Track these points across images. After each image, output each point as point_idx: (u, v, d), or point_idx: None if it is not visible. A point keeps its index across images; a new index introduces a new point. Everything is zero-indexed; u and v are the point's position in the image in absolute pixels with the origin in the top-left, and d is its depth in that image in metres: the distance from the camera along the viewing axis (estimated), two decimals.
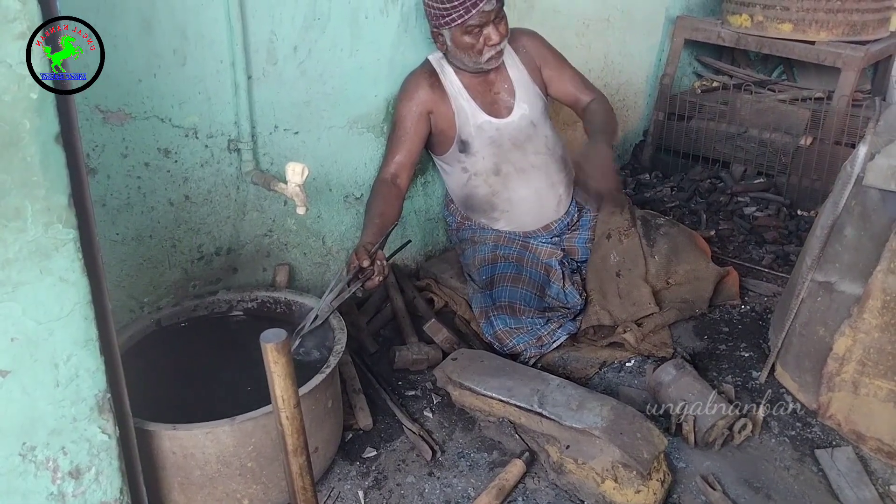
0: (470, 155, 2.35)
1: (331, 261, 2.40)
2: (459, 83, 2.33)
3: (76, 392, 1.23)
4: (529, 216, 2.44)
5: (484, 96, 2.35)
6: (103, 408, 1.28)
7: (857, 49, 3.09)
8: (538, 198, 2.43)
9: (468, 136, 2.33)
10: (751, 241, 3.00)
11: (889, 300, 1.79)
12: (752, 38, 3.29)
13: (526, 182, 2.40)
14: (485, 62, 2.25)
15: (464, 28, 2.16)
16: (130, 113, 1.74)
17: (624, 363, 2.23)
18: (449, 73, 2.33)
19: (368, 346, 2.29)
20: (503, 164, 2.37)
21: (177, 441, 1.50)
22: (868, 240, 1.83)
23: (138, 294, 1.91)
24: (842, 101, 3.11)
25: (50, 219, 1.11)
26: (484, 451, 1.91)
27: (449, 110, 2.31)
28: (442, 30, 2.21)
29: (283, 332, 1.10)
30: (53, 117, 1.09)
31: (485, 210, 2.44)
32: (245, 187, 2.06)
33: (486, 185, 2.39)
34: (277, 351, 1.07)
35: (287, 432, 1.14)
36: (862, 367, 1.88)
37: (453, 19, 2.15)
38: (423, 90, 2.28)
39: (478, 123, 2.33)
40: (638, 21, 3.43)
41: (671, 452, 1.88)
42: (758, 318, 2.49)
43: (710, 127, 3.42)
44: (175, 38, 1.77)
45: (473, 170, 2.37)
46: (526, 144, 2.39)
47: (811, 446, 1.93)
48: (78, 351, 1.21)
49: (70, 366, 1.21)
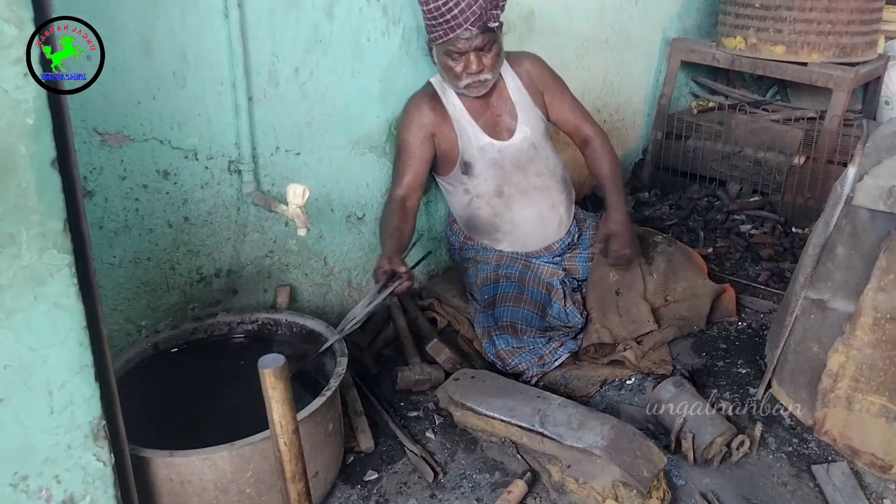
0: (472, 177, 2.34)
1: (332, 281, 2.39)
2: (461, 105, 2.32)
3: (71, 419, 1.21)
4: (532, 237, 2.44)
5: (485, 118, 2.34)
6: (98, 435, 1.25)
7: (848, 70, 3.16)
8: (540, 219, 2.42)
9: (471, 157, 2.33)
10: (747, 258, 3.02)
11: (880, 317, 1.81)
12: (746, 59, 3.35)
13: (528, 203, 2.39)
14: (462, 88, 2.22)
15: (445, 49, 2.16)
16: (129, 135, 1.74)
17: (624, 381, 2.23)
18: (450, 95, 2.32)
19: (371, 368, 2.27)
20: (505, 186, 2.36)
21: (174, 468, 1.47)
22: (859, 258, 1.86)
23: (136, 317, 1.90)
24: (833, 120, 3.16)
25: (45, 244, 1.10)
26: (486, 471, 1.89)
27: (451, 132, 2.31)
28: (432, 45, 2.22)
29: (281, 357, 1.08)
30: (50, 142, 1.08)
31: (487, 231, 2.43)
32: (246, 208, 2.05)
33: (488, 206, 2.38)
34: (275, 376, 1.05)
35: (285, 458, 1.12)
36: (855, 383, 1.89)
37: (438, 36, 2.14)
38: (425, 113, 2.27)
39: (480, 145, 2.33)
40: (636, 43, 3.46)
41: (671, 470, 1.88)
42: (754, 335, 2.50)
43: (707, 146, 3.47)
44: (175, 59, 1.77)
45: (475, 191, 2.37)
46: (528, 166, 2.38)
47: (808, 462, 1.94)
48: (73, 377, 1.19)
49: (64, 393, 1.19)
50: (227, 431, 1.54)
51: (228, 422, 1.73)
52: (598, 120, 3.38)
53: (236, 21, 1.83)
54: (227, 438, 1.50)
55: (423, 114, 2.27)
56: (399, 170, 2.29)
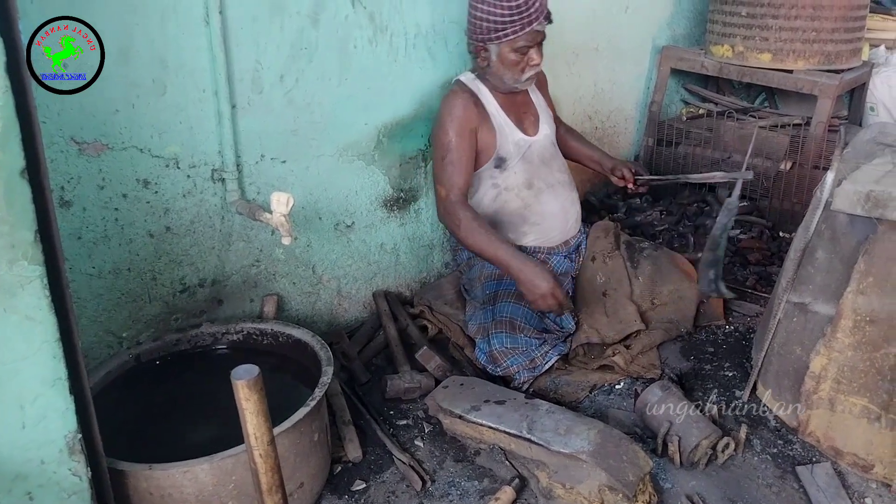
0: (504, 171, 2.37)
1: (321, 290, 2.36)
2: (495, 102, 2.36)
3: (44, 434, 1.19)
4: (556, 230, 2.48)
5: (515, 115, 2.39)
6: (74, 449, 1.23)
7: (833, 77, 3.18)
8: (564, 212, 2.48)
9: (506, 153, 2.36)
10: (735, 262, 3.03)
11: (860, 320, 1.83)
12: (734, 67, 3.38)
13: (554, 196, 2.45)
14: (524, 81, 2.30)
15: (513, 46, 2.20)
16: (107, 144, 1.72)
17: (614, 386, 2.23)
18: (485, 93, 2.35)
19: (360, 376, 2.24)
20: (535, 179, 2.41)
21: (153, 481, 1.45)
22: (838, 262, 1.88)
23: (116, 329, 1.87)
24: (819, 127, 3.18)
25: (14, 255, 1.08)
26: (475, 479, 1.88)
27: (492, 129, 2.34)
28: (489, 45, 2.23)
29: (254, 367, 1.06)
30: (18, 151, 1.06)
31: (515, 224, 2.44)
32: (230, 217, 2.03)
33: (518, 198, 2.40)
34: (249, 388, 1.03)
35: (261, 470, 1.10)
36: (837, 384, 1.91)
37: (506, 34, 2.17)
38: (470, 110, 2.29)
39: (515, 140, 2.37)
40: (626, 50, 3.47)
41: (657, 473, 1.88)
42: (741, 338, 2.51)
43: (697, 152, 3.50)
44: (154, 67, 1.75)
45: (505, 185, 2.39)
46: (551, 162, 2.47)
47: (792, 463, 1.95)
48: (46, 391, 1.17)
49: (37, 406, 1.17)
50: (212, 444, 1.52)
51: (213, 434, 1.70)
52: (590, 127, 3.40)
53: (218, 28, 1.81)
54: (212, 451, 1.48)
55: (470, 113, 2.28)
56: (451, 172, 2.25)
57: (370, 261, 2.50)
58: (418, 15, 2.33)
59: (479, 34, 2.22)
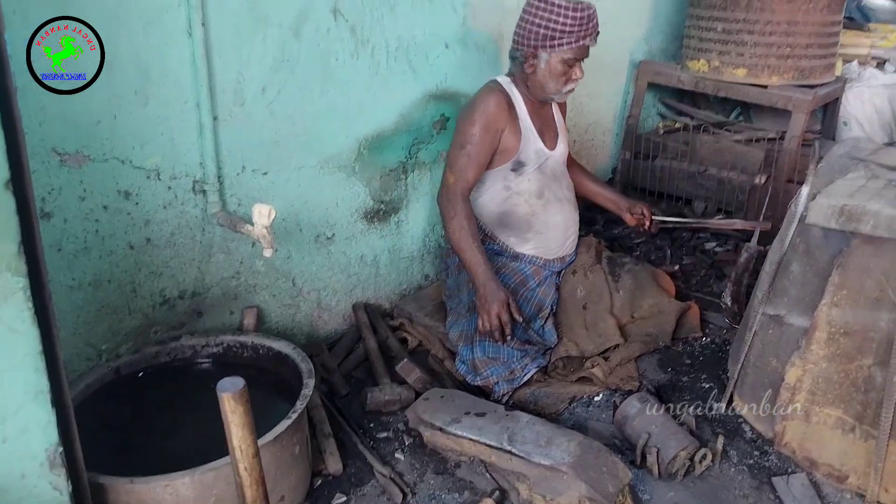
0: (520, 175, 2.41)
1: (301, 302, 2.36)
2: (525, 109, 2.40)
3: (25, 447, 1.17)
4: (556, 243, 2.52)
5: (539, 126, 2.44)
6: (55, 462, 1.22)
7: (807, 92, 3.23)
8: (566, 227, 2.53)
9: (527, 158, 2.40)
10: (712, 275, 3.07)
11: (834, 332, 1.86)
12: (710, 82, 3.43)
13: (560, 210, 2.50)
14: (564, 93, 2.38)
15: (563, 56, 2.27)
16: (89, 155, 1.71)
17: (592, 398, 2.24)
18: (518, 97, 2.39)
19: (340, 389, 2.24)
20: (546, 190, 2.46)
21: (134, 495, 1.43)
22: (813, 275, 1.91)
23: (96, 341, 1.85)
24: (793, 141, 3.24)
25: None
26: (455, 491, 1.88)
27: (518, 132, 2.38)
28: (541, 52, 2.28)
29: (240, 380, 1.06)
30: (3, 163, 1.05)
31: (520, 228, 2.46)
32: (211, 229, 2.02)
33: (527, 205, 2.44)
34: (234, 400, 1.03)
35: (246, 483, 1.09)
36: (812, 396, 1.94)
37: (561, 44, 2.24)
38: (502, 109, 2.32)
39: (536, 148, 2.42)
40: (604, 65, 3.51)
41: (636, 485, 1.89)
42: (718, 350, 2.54)
43: (674, 166, 3.53)
44: (137, 78, 1.75)
45: (517, 189, 2.42)
46: (561, 178, 2.54)
47: (768, 474, 1.97)
48: (28, 403, 1.16)
49: (19, 419, 1.16)
50: (192, 457, 1.51)
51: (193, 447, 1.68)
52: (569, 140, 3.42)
53: (200, 39, 1.82)
54: (193, 464, 1.46)
55: (501, 112, 2.31)
56: (464, 163, 2.29)
57: (350, 273, 2.50)
58: (399, 28, 2.35)
59: (532, 40, 2.27)
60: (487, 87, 2.36)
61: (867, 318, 1.80)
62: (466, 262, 2.26)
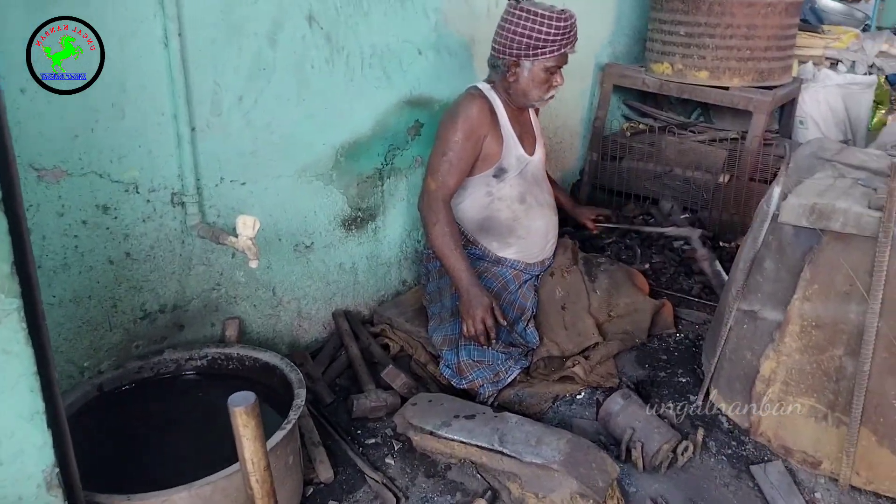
0: (501, 181, 2.43)
1: (282, 312, 2.35)
2: (505, 115, 2.43)
3: (21, 469, 1.15)
4: (538, 247, 2.55)
5: (519, 132, 2.47)
6: (51, 483, 1.20)
7: (766, 94, 3.34)
8: (546, 232, 2.57)
9: (508, 164, 2.42)
10: (680, 272, 3.14)
11: (806, 325, 1.94)
12: (674, 84, 3.51)
13: (542, 215, 2.54)
14: (546, 99, 2.43)
15: (545, 64, 2.32)
16: (67, 170, 1.68)
17: (575, 396, 2.29)
18: (497, 103, 2.42)
19: (325, 397, 2.23)
20: (528, 195, 2.49)
21: None
22: (785, 271, 1.98)
23: (78, 359, 1.82)
24: (754, 141, 3.34)
25: None
26: (447, 493, 1.89)
27: (499, 139, 2.40)
28: (523, 60, 2.31)
29: (251, 394, 1.06)
30: None
31: (501, 234, 2.49)
32: (191, 241, 2.00)
33: (509, 210, 2.47)
34: (247, 414, 1.03)
35: (258, 496, 1.10)
36: (786, 386, 2.01)
37: (544, 52, 2.29)
38: (485, 116, 2.34)
39: (517, 154, 2.44)
40: (571, 68, 3.54)
41: (622, 478, 1.94)
42: (691, 346, 2.61)
43: (640, 166, 3.61)
44: (113, 90, 1.72)
45: (499, 194, 2.44)
46: (542, 183, 2.59)
47: (746, 463, 2.04)
48: (23, 425, 1.14)
49: (15, 442, 1.14)
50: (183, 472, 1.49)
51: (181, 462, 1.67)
52: None
53: (177, 50, 1.80)
54: (184, 480, 1.45)
55: (483, 119, 2.33)
56: (445, 169, 2.31)
57: (329, 281, 2.50)
58: (373, 35, 2.36)
59: (515, 49, 2.30)
60: (469, 94, 2.38)
61: (837, 311, 1.87)
62: (449, 268, 2.28)
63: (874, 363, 1.81)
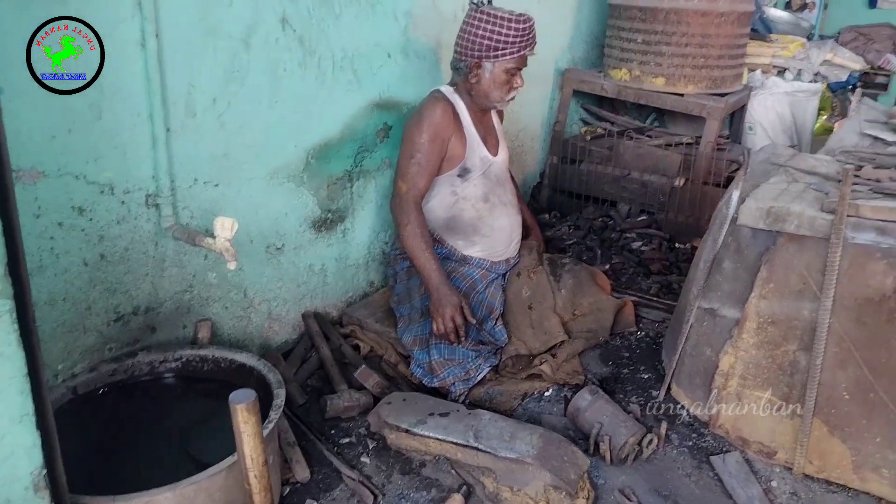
0: (465, 181, 2.49)
1: (252, 314, 2.35)
2: (469, 117, 2.48)
3: (11, 472, 1.15)
4: (502, 245, 2.61)
5: (482, 133, 2.52)
6: (39, 485, 1.20)
7: (719, 100, 3.50)
8: (511, 230, 2.64)
9: (472, 165, 2.48)
10: (639, 272, 3.26)
11: (762, 321, 2.04)
12: (631, 90, 3.64)
13: (506, 214, 2.60)
14: (507, 100, 2.49)
15: (506, 66, 2.38)
16: (43, 171, 1.66)
17: (543, 393, 2.35)
18: (461, 106, 2.47)
19: (297, 398, 2.24)
20: (491, 195, 2.55)
21: None
22: (743, 271, 2.09)
23: (52, 361, 1.80)
24: (708, 146, 3.49)
25: None
26: (423, 489, 1.93)
27: (463, 140, 2.45)
28: (485, 62, 2.38)
29: (252, 392, 1.08)
30: None
31: (466, 233, 2.54)
32: (164, 243, 2.00)
33: (473, 209, 2.52)
34: (248, 411, 1.05)
35: (255, 491, 1.12)
36: (743, 380, 2.12)
37: (505, 54, 2.35)
38: (448, 118, 2.39)
39: (481, 155, 2.50)
40: (532, 72, 3.61)
41: (591, 471, 2.01)
42: (652, 343, 2.71)
43: (599, 170, 3.73)
44: (91, 91, 1.70)
45: (463, 194, 2.50)
46: (505, 183, 2.66)
47: (706, 454, 2.14)
48: (13, 427, 1.14)
49: (5, 444, 1.13)
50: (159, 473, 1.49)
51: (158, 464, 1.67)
52: None
53: (154, 51, 1.80)
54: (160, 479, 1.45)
55: (447, 121, 2.38)
56: (414, 171, 2.37)
57: (299, 282, 2.51)
58: (344, 38, 2.38)
59: (476, 51, 2.36)
60: (433, 97, 2.43)
61: (792, 308, 1.98)
62: (420, 267, 2.32)
63: (826, 357, 1.92)
